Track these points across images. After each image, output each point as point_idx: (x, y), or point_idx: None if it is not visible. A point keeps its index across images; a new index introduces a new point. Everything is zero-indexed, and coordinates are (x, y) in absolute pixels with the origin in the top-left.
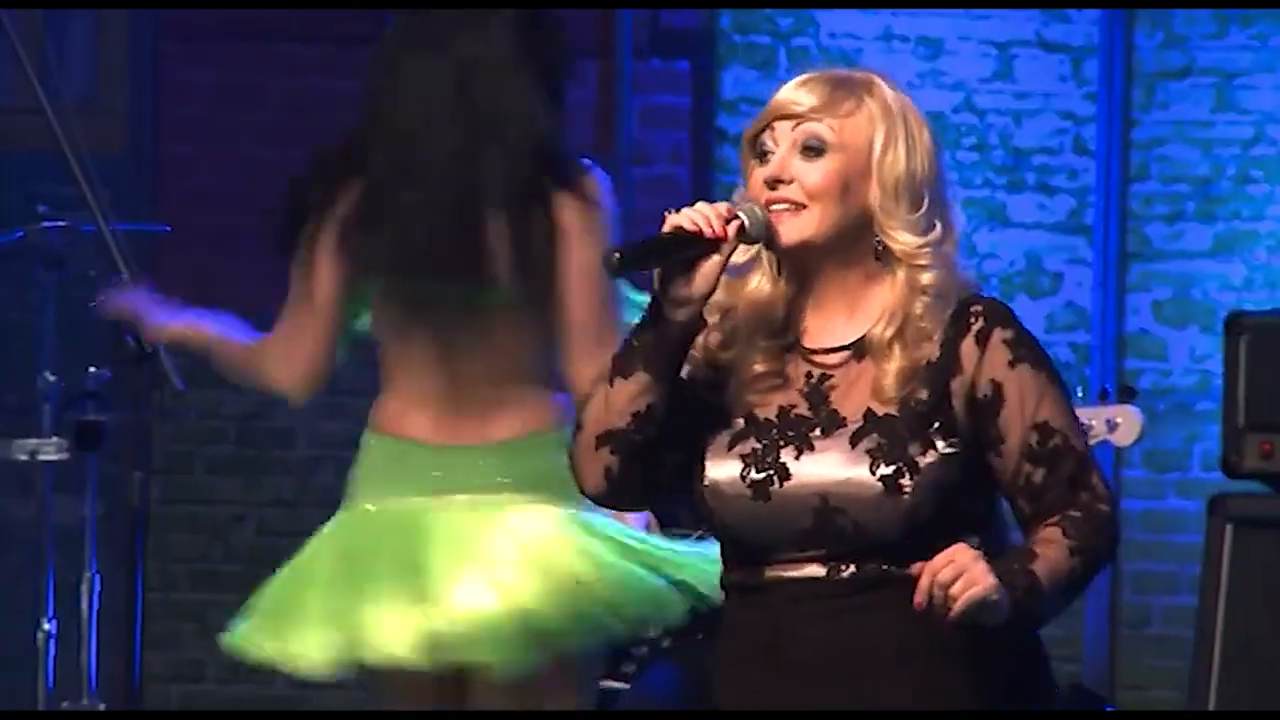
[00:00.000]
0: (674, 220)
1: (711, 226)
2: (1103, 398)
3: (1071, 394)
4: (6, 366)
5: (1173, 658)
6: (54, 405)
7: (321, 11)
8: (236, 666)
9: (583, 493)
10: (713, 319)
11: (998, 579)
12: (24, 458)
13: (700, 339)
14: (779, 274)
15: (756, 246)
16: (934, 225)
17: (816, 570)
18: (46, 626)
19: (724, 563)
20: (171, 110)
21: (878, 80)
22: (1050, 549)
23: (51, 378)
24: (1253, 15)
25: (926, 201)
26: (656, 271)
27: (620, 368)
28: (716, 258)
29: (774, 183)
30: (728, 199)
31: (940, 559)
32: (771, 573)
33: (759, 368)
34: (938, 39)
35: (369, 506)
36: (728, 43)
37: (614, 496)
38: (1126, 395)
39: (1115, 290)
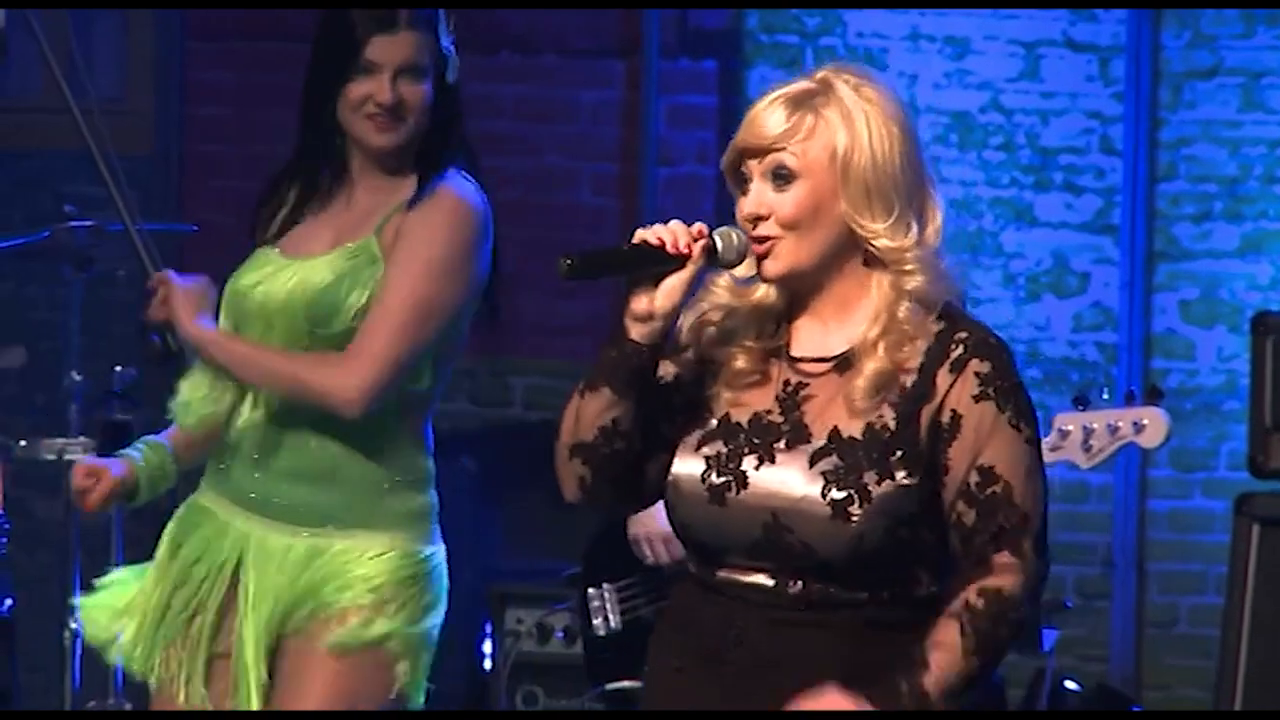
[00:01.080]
0: (639, 234)
1: (676, 243)
2: (1129, 399)
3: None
4: (34, 366)
5: (1199, 657)
6: (80, 405)
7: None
8: None
9: (565, 499)
10: (715, 316)
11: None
12: (51, 457)
13: (696, 335)
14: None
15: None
16: (910, 226)
17: (765, 580)
18: (73, 626)
19: (686, 553)
20: (198, 110)
21: (836, 82)
22: (945, 655)
23: (78, 377)
24: None
25: (899, 202)
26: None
27: (588, 381)
28: (681, 275)
29: (754, 219)
30: None
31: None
32: (724, 574)
33: (741, 365)
34: (964, 39)
35: None
36: (755, 42)
37: (592, 504)
38: (1153, 396)
39: (1142, 290)
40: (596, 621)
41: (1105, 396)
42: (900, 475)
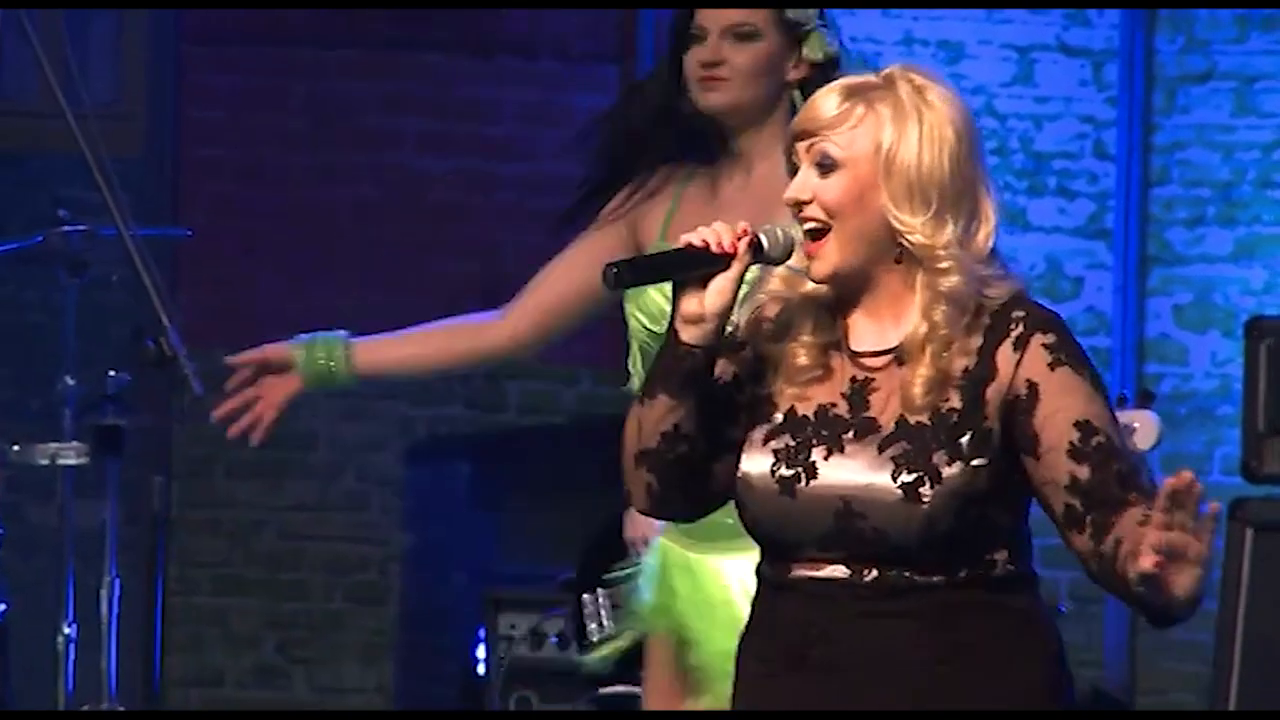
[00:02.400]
0: (684, 237)
1: (721, 243)
2: (1120, 403)
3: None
4: (27, 371)
5: (1194, 662)
6: (74, 409)
7: (344, 16)
8: (256, 671)
9: (637, 510)
10: (771, 310)
11: None
12: (45, 462)
13: (753, 332)
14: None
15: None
16: (947, 224)
17: (840, 572)
18: (67, 631)
19: (761, 555)
20: (193, 114)
21: (900, 80)
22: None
23: (72, 382)
24: (1275, 19)
25: (938, 199)
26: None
27: (646, 388)
28: (729, 275)
29: (797, 204)
30: None
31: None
32: (798, 570)
33: (803, 361)
34: (958, 43)
35: None
36: None
37: (662, 512)
38: (1144, 400)
39: (1136, 295)
40: (591, 627)
41: None
42: (970, 456)
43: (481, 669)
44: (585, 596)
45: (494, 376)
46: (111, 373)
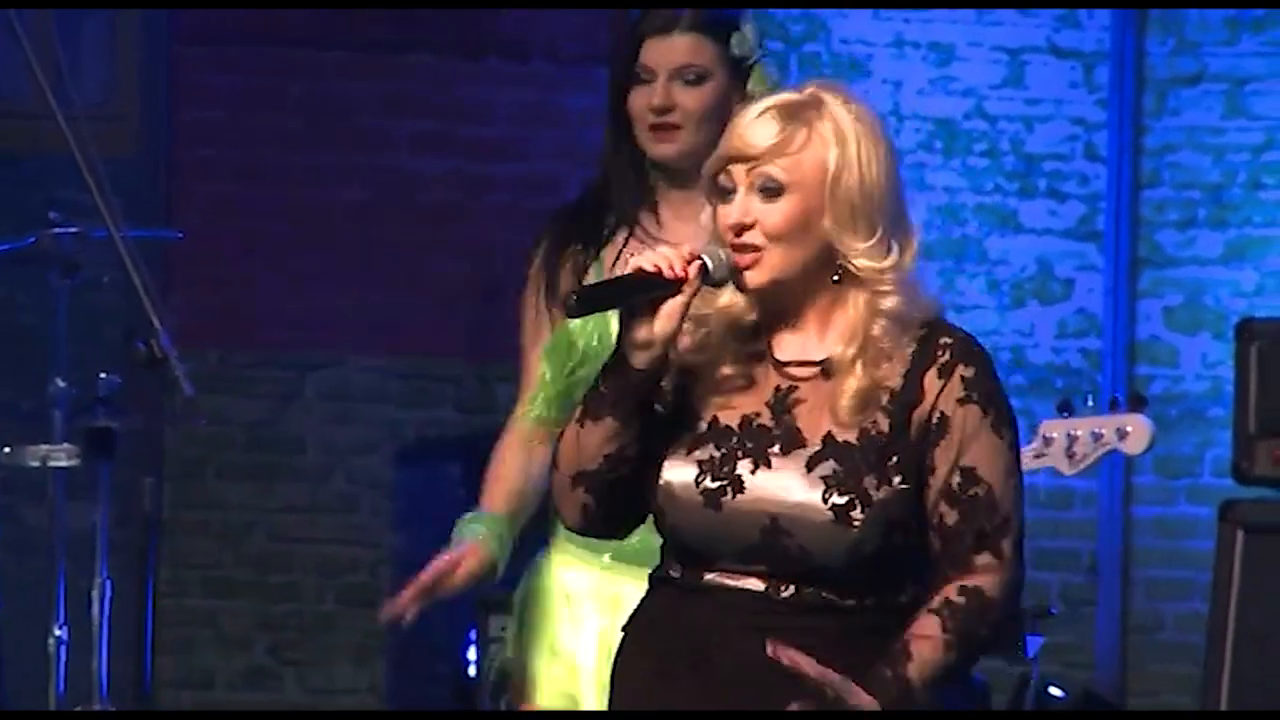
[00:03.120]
0: (635, 262)
1: (673, 268)
2: (1113, 406)
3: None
4: (19, 372)
5: (1185, 664)
6: (65, 411)
7: (340, 16)
8: (248, 673)
9: (565, 527)
10: (688, 327)
11: (871, 695)
12: (36, 464)
13: (672, 346)
14: (712, 293)
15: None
16: (892, 247)
17: (756, 584)
18: (58, 632)
19: (665, 557)
20: (187, 115)
21: (828, 99)
22: (925, 646)
23: (63, 384)
24: (1265, 21)
25: (883, 223)
26: (619, 316)
27: (589, 410)
28: (679, 299)
29: (738, 228)
30: None
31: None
32: (712, 577)
33: (727, 370)
34: (949, 45)
35: None
36: None
37: (595, 531)
38: (1137, 403)
39: (1126, 296)
40: None
41: (1089, 403)
42: (896, 480)
43: (472, 670)
44: None
45: (484, 379)
46: (103, 375)
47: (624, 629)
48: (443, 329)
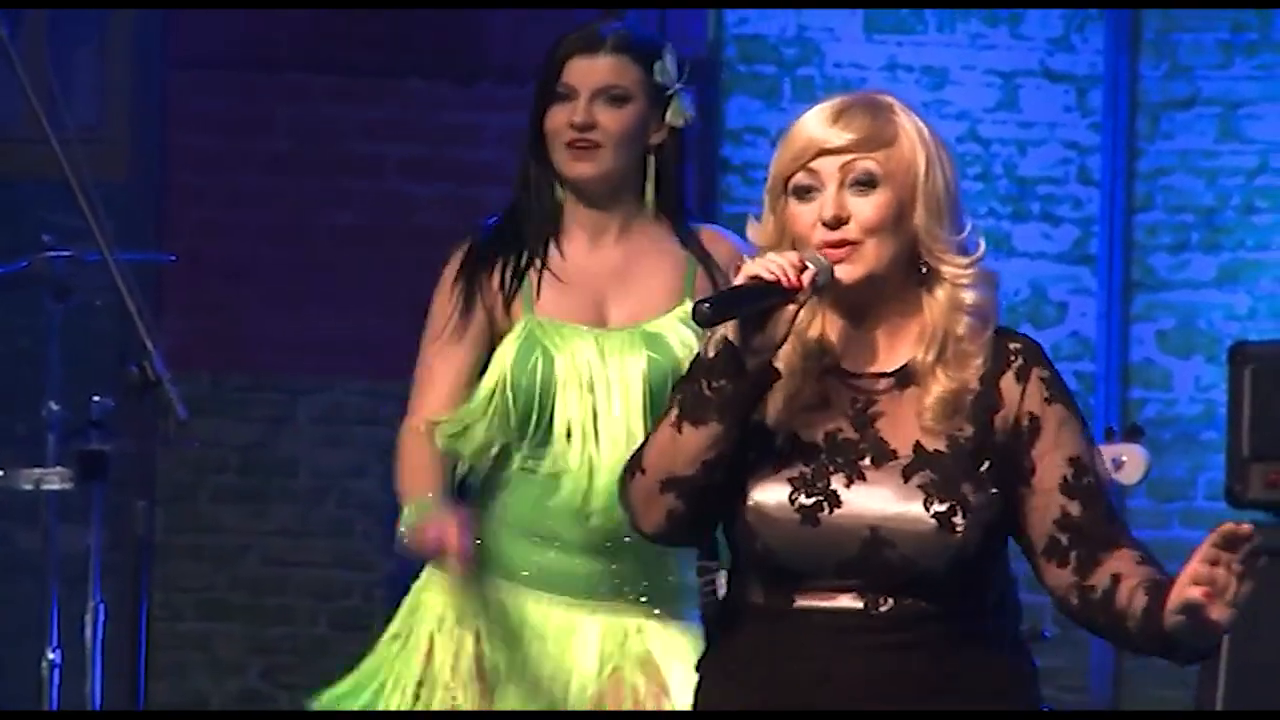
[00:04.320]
0: (749, 270)
1: (788, 277)
2: (1109, 435)
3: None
4: (11, 396)
5: (1177, 687)
6: (58, 434)
7: (329, 41)
8: (241, 697)
9: (639, 532)
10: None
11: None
12: (29, 487)
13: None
14: (824, 299)
15: None
16: (977, 244)
17: (853, 602)
18: (51, 656)
19: (744, 586)
20: (178, 139)
21: (895, 102)
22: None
23: (56, 407)
24: (1258, 44)
25: (961, 220)
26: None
27: (691, 415)
28: (792, 306)
29: (834, 222)
30: (734, 228)
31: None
32: (804, 600)
33: (799, 389)
34: (942, 69)
35: None
36: (732, 72)
37: (675, 537)
38: (1133, 434)
39: (1120, 320)
40: None
41: None
42: (989, 484)
43: None
44: None
45: None
46: (96, 398)
47: (701, 665)
48: None
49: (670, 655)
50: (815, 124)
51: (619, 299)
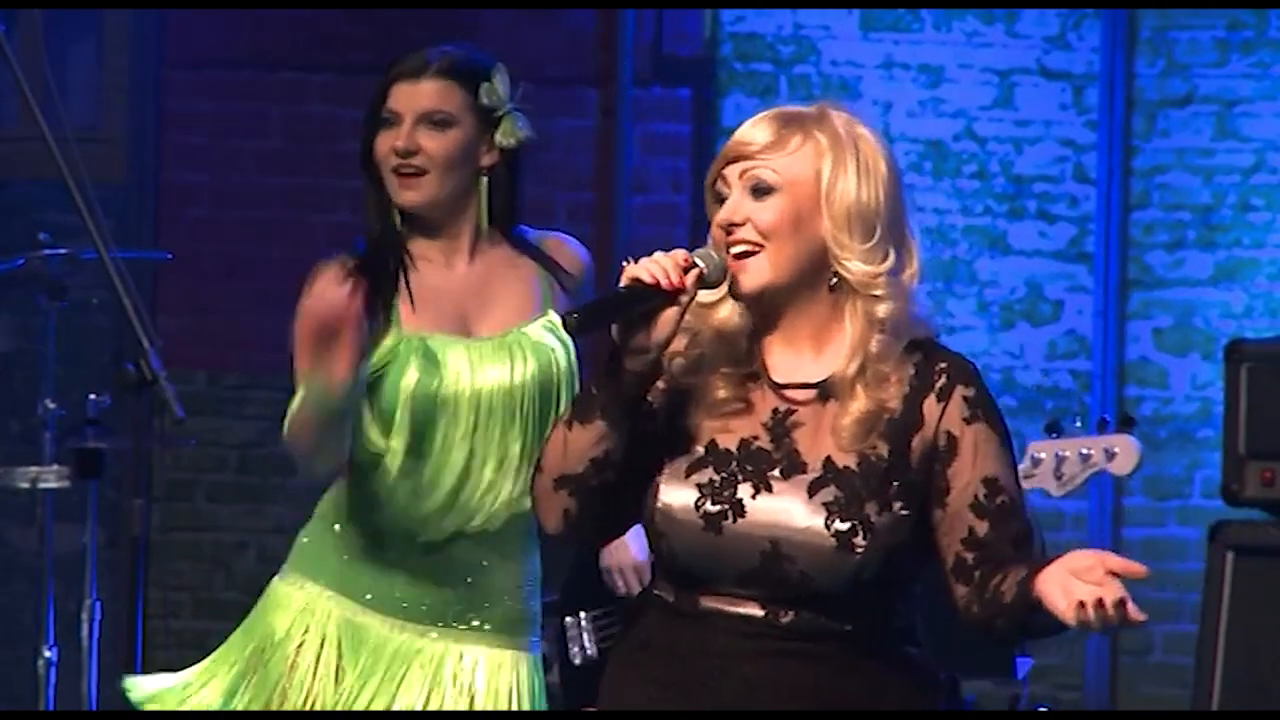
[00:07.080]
0: (631, 272)
1: (669, 278)
2: (1102, 427)
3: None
4: (8, 394)
5: (1174, 686)
6: (55, 433)
7: (324, 41)
8: None
9: (544, 532)
10: (680, 343)
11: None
12: (25, 485)
13: (665, 364)
14: (746, 307)
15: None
16: (888, 254)
17: (754, 610)
18: (47, 654)
19: (655, 581)
20: (174, 138)
21: (831, 111)
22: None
23: (52, 405)
24: (1254, 43)
25: (879, 231)
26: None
27: (579, 413)
28: (675, 308)
29: (728, 226)
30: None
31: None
32: (708, 602)
33: (722, 394)
34: (939, 67)
35: None
36: (729, 71)
37: (574, 536)
38: (1126, 424)
39: (1116, 318)
40: (573, 650)
41: (1078, 424)
42: (897, 505)
43: None
44: (568, 620)
45: None
46: (92, 396)
47: (610, 652)
48: None
49: (493, 684)
50: (737, 132)
51: (481, 315)
